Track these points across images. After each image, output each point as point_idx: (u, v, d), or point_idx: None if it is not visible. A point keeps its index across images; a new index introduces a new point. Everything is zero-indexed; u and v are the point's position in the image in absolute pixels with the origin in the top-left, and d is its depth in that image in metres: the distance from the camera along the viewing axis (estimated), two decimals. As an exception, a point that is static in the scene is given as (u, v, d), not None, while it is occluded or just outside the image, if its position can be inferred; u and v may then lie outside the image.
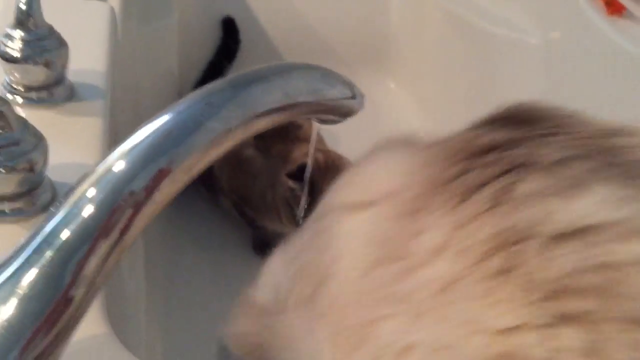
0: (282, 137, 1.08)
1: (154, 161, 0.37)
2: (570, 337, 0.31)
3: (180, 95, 1.25)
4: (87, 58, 0.69)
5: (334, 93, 0.44)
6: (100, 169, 0.37)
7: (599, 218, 0.33)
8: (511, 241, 0.33)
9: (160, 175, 0.37)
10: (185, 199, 0.35)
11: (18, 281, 0.34)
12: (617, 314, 0.31)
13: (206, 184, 1.13)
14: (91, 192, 0.35)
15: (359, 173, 0.47)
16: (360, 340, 0.37)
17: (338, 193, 0.47)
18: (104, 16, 0.77)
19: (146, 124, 0.38)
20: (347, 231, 0.43)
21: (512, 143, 0.39)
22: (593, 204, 0.34)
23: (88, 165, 0.57)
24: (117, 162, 0.36)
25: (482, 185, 0.37)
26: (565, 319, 0.31)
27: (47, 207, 0.53)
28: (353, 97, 0.46)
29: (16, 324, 0.33)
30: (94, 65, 0.69)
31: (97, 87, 0.67)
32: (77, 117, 0.62)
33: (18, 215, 0.52)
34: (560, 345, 0.31)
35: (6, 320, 0.33)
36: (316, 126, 0.50)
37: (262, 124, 0.42)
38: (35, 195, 0.53)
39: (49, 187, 0.54)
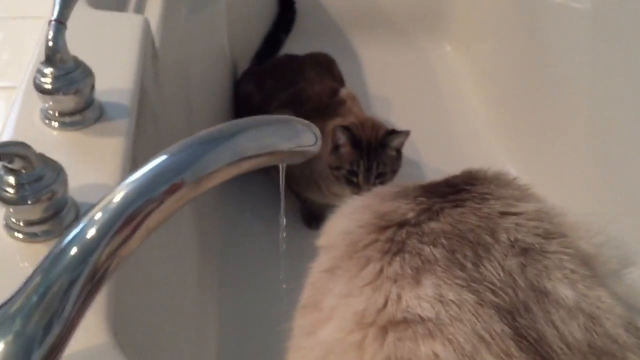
0: (322, 114, 1.15)
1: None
2: None
3: (234, 74, 1.32)
4: (116, 76, 0.78)
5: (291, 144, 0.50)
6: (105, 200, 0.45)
7: (416, 313, 0.40)
8: (364, 323, 0.41)
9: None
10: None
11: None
12: None
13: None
14: (97, 215, 0.44)
15: (328, 222, 0.54)
16: None
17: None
18: (137, 30, 0.84)
19: (144, 165, 0.46)
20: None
21: (411, 221, 0.45)
22: (417, 297, 0.40)
23: (107, 185, 0.66)
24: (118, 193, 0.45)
25: (374, 259, 0.44)
26: None
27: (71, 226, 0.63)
28: (314, 143, 0.52)
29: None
30: (123, 83, 0.77)
31: (125, 105, 0.75)
32: (103, 138, 0.71)
33: (47, 236, 0.62)
34: None
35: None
36: (281, 166, 0.56)
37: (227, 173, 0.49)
38: (61, 216, 0.63)
39: (73, 207, 0.64)
